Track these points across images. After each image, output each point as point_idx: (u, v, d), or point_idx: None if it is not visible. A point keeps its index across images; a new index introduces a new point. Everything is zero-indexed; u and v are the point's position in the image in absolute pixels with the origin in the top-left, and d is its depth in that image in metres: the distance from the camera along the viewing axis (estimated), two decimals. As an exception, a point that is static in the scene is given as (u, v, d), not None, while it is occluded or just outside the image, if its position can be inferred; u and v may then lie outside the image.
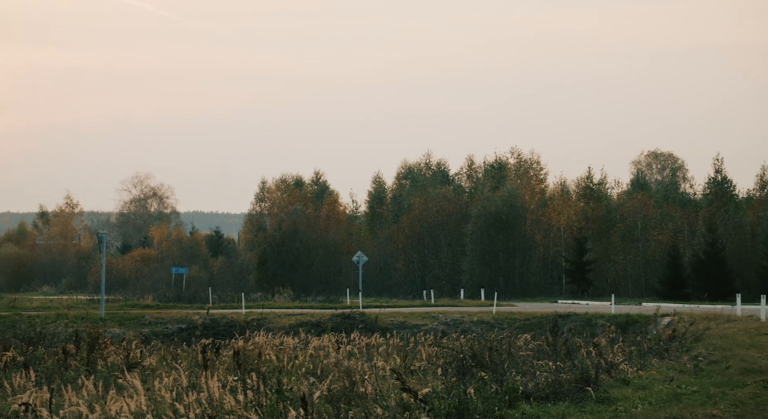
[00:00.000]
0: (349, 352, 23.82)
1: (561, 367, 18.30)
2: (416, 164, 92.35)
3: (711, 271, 60.68)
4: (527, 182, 79.00)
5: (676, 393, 15.31)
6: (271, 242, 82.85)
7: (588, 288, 66.98)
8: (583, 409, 14.14)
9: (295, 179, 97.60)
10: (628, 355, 20.99)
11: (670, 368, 18.64)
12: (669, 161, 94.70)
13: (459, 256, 75.72)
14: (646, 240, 71.59)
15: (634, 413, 13.74)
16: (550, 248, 75.21)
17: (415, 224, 79.11)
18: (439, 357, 21.97)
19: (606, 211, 73.90)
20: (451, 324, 37.09)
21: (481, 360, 18.56)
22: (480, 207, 73.33)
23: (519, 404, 14.30)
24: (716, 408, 13.91)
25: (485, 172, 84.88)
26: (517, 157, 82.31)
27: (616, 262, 72.09)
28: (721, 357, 20.30)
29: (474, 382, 15.92)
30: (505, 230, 71.93)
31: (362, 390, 14.35)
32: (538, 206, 76.53)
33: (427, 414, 12.79)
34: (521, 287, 70.58)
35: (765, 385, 16.18)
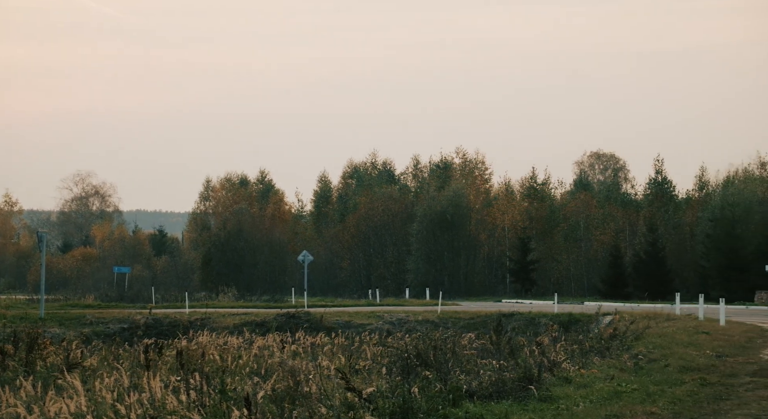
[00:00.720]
0: (293, 352, 23.74)
1: (504, 366, 18.44)
2: (362, 164, 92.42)
3: (651, 270, 61.72)
4: (472, 182, 79.52)
5: (617, 391, 15.51)
6: (216, 242, 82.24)
7: (532, 287, 67.66)
8: (526, 407, 14.26)
9: (240, 178, 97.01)
10: (570, 354, 21.22)
11: (611, 366, 18.89)
12: (611, 162, 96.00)
13: (404, 255, 75.93)
14: (589, 240, 72.53)
15: (575, 411, 13.89)
16: (495, 247, 75.79)
17: (361, 224, 79.15)
18: (384, 356, 22.00)
19: (549, 211, 74.72)
20: (396, 323, 37.19)
21: (426, 359, 18.62)
22: (425, 207, 73.62)
23: (463, 403, 14.37)
24: (655, 405, 14.13)
25: (431, 172, 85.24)
26: (462, 157, 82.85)
27: (559, 261, 72.91)
28: (660, 355, 20.62)
29: (418, 381, 15.96)
30: (450, 230, 72.30)
31: (306, 390, 14.30)
32: (482, 205, 77.08)
33: (371, 413, 12.79)
34: (466, 287, 71.00)
35: (702, 383, 16.47)
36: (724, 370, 18.30)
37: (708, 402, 14.51)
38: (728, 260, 57.70)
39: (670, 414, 13.48)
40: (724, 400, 14.74)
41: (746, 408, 13.97)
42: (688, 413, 13.58)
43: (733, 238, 58.58)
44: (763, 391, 15.57)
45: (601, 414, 13.49)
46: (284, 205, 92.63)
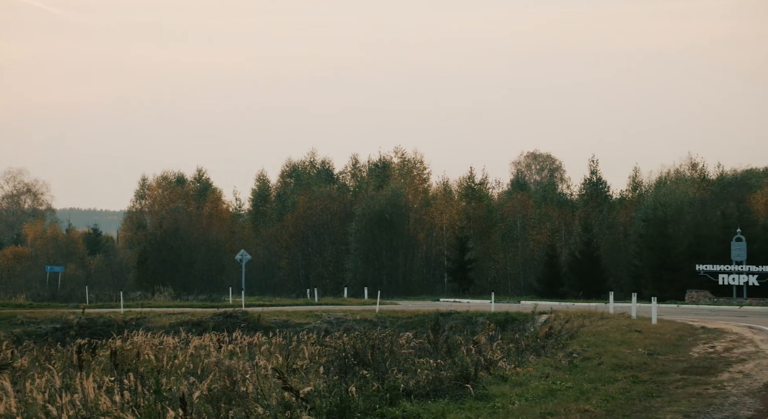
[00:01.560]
0: (230, 351, 23.57)
1: (442, 365, 18.54)
2: (301, 163, 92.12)
3: (586, 270, 62.61)
4: (411, 181, 79.79)
5: (551, 389, 15.71)
6: (152, 241, 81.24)
7: (469, 287, 68.14)
8: (462, 406, 14.36)
9: (177, 177, 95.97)
10: (506, 352, 21.43)
11: (546, 364, 19.11)
12: (547, 162, 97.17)
13: (343, 255, 75.90)
14: (525, 239, 73.31)
15: (511, 409, 14.03)
16: (433, 247, 76.17)
17: (300, 223, 78.89)
18: (322, 355, 21.96)
19: (487, 211, 75.33)
20: (334, 322, 37.15)
21: (364, 358, 18.64)
22: (364, 206, 73.68)
23: (400, 401, 14.42)
24: (588, 403, 14.34)
25: (369, 171, 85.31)
26: (400, 156, 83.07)
27: (496, 261, 73.57)
28: (594, 353, 20.92)
29: (356, 380, 15.97)
30: (388, 229, 72.47)
31: (243, 390, 14.21)
32: (421, 205, 77.41)
33: (309, 412, 12.76)
34: (404, 286, 71.24)
35: (634, 380, 16.76)
36: (656, 368, 18.65)
37: (640, 400, 14.77)
38: (660, 260, 58.80)
39: (603, 412, 13.68)
40: (655, 397, 15.02)
41: (676, 405, 14.26)
42: (621, 410, 13.81)
43: (665, 238, 59.71)
44: (692, 388, 15.90)
45: (536, 412, 13.65)
46: (222, 204, 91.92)
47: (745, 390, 15.80)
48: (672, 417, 13.27)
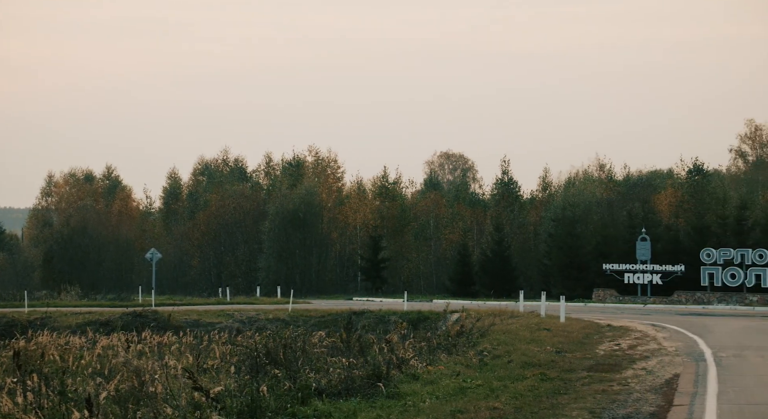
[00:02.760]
0: (139, 351, 23.18)
1: (354, 363, 18.57)
2: (213, 161, 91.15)
3: (497, 269, 63.43)
4: (324, 180, 79.67)
5: (462, 387, 15.88)
6: (58, 239, 79.35)
7: (382, 286, 68.38)
8: (374, 404, 14.42)
9: (85, 174, 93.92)
10: (418, 351, 21.57)
11: (457, 363, 19.31)
12: (460, 162, 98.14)
13: (256, 253, 75.36)
14: (438, 239, 73.92)
15: (421, 407, 14.14)
16: (346, 246, 76.22)
17: (212, 221, 78.02)
18: (233, 355, 21.77)
19: (400, 210, 75.70)
20: (246, 321, 36.90)
21: (276, 357, 18.56)
22: (278, 205, 73.29)
23: (312, 400, 14.41)
24: (498, 401, 14.54)
25: (283, 170, 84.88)
26: (314, 155, 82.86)
27: (409, 260, 73.99)
28: (504, 351, 21.23)
29: (267, 380, 15.89)
30: (302, 228, 72.25)
31: (152, 390, 13.98)
32: (335, 204, 77.36)
33: (219, 412, 12.64)
34: (317, 285, 71.12)
35: (542, 378, 17.06)
36: (563, 365, 19.02)
37: (547, 397, 15.04)
38: (569, 259, 59.95)
39: (512, 409, 13.89)
40: (562, 394, 15.32)
41: (582, 401, 14.57)
42: (529, 407, 14.04)
43: (574, 237, 60.91)
44: (597, 385, 16.27)
45: (447, 410, 13.78)
46: (132, 202, 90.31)
47: (648, 386, 16.24)
48: (578, 413, 13.56)
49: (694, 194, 64.73)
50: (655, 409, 13.89)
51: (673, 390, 15.73)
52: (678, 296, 52.17)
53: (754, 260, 50.93)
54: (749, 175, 78.96)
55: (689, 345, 23.61)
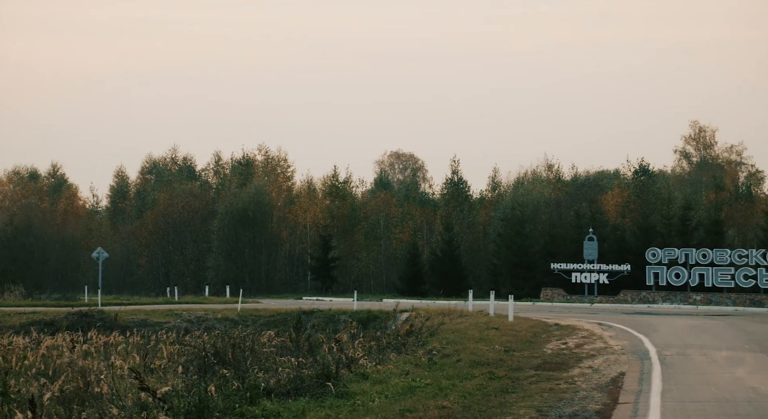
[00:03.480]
0: (85, 351, 22.89)
1: (303, 363, 18.53)
2: (162, 159, 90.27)
3: (447, 268, 63.68)
4: (274, 179, 79.35)
5: (411, 386, 15.93)
6: (2, 238, 77.94)
7: (332, 285, 68.28)
8: (323, 404, 14.40)
9: (29, 172, 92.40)
10: (368, 350, 21.59)
11: (407, 362, 19.37)
12: (410, 162, 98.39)
13: (205, 253, 74.79)
14: (388, 238, 74.02)
15: (371, 406, 14.15)
16: (296, 245, 75.98)
17: (160, 220, 77.26)
18: (181, 354, 21.59)
19: (351, 209, 75.66)
20: (194, 321, 36.60)
21: (224, 357, 18.45)
22: (227, 204, 72.82)
23: (260, 400, 14.34)
24: (447, 399, 14.61)
25: (232, 168, 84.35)
26: (264, 154, 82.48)
27: (359, 259, 73.99)
28: (453, 350, 21.33)
29: (216, 380, 15.79)
30: (251, 227, 71.87)
31: (98, 390, 13.82)
32: (285, 203, 77.08)
33: (166, 413, 12.53)
34: (267, 284, 70.80)
35: (491, 376, 17.18)
36: (511, 364, 19.17)
37: (495, 395, 15.15)
38: (517, 258, 60.42)
39: (461, 408, 13.97)
40: (510, 393, 15.44)
41: (530, 400, 14.70)
42: (477, 406, 14.13)
43: (522, 237, 61.42)
44: (545, 383, 16.43)
45: (396, 409, 13.80)
46: (78, 200, 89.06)
47: (594, 384, 16.44)
48: (525, 412, 13.67)
49: (639, 194, 65.67)
50: (601, 407, 14.07)
51: (618, 388, 15.94)
52: (624, 296, 52.88)
53: (697, 260, 51.83)
54: (693, 176, 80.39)
55: (635, 343, 23.94)
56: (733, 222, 64.94)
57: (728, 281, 51.19)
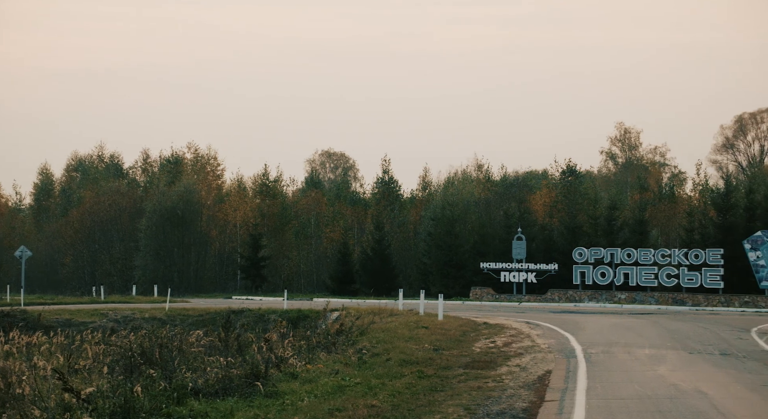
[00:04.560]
0: (6, 352, 22.36)
1: (232, 363, 18.41)
2: (88, 157, 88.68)
3: (377, 267, 63.81)
4: (204, 177, 78.53)
5: (341, 386, 15.93)
6: None
7: (262, 284, 67.87)
8: (252, 404, 14.32)
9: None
10: (297, 350, 21.53)
11: (337, 361, 19.36)
12: (341, 161, 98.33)
13: (132, 251, 73.67)
14: (319, 237, 73.86)
15: (300, 406, 14.12)
16: (226, 244, 75.33)
17: (86, 219, 75.87)
18: (107, 355, 21.25)
19: (281, 208, 75.29)
20: (121, 321, 36.06)
21: (151, 357, 18.22)
22: (155, 202, 71.82)
23: (187, 401, 14.20)
24: (376, 398, 14.65)
25: (161, 166, 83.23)
26: (194, 152, 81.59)
27: (290, 258, 73.68)
28: (383, 349, 21.39)
29: (142, 380, 15.58)
30: (180, 226, 71.00)
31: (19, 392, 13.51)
32: (214, 202, 76.35)
33: (90, 414, 12.31)
34: (196, 283, 70.05)
35: (420, 375, 17.28)
36: (441, 363, 19.30)
37: (424, 394, 15.24)
38: (447, 258, 60.82)
39: (390, 407, 14.02)
40: (438, 391, 15.55)
41: (458, 398, 14.82)
42: (406, 405, 14.19)
43: (452, 236, 61.84)
44: (473, 382, 16.58)
45: (325, 409, 13.79)
46: (0, 198, 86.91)
47: (522, 382, 16.65)
48: (453, 410, 13.78)
49: (567, 194, 66.66)
50: (527, 405, 14.25)
51: (545, 386, 16.17)
52: (551, 295, 53.64)
53: (622, 259, 52.84)
54: (619, 176, 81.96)
55: (561, 342, 24.31)
56: (656, 222, 66.35)
57: (652, 281, 52.28)
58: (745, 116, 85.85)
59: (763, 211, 56.14)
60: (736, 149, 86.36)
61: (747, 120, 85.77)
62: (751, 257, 50.70)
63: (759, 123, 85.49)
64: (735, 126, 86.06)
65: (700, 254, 51.46)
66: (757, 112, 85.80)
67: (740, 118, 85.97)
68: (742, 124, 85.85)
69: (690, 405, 13.97)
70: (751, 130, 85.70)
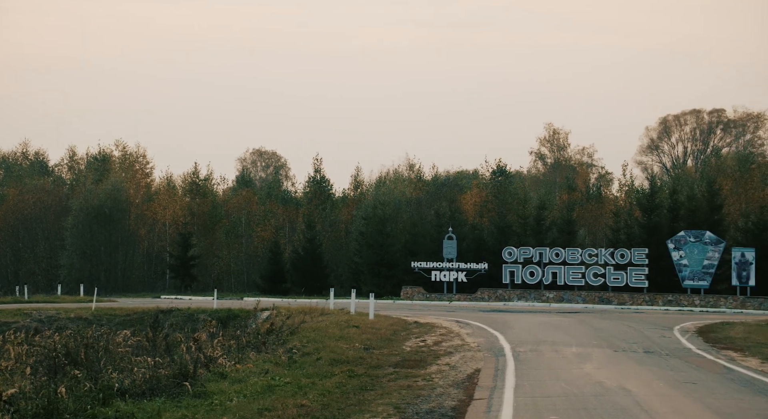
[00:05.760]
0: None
1: (160, 363, 18.19)
2: (11, 154, 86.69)
3: (308, 266, 63.63)
4: (132, 175, 77.37)
5: (270, 385, 15.85)
6: None
7: (192, 283, 67.16)
8: (180, 404, 14.17)
9: None
10: (227, 349, 21.37)
11: (267, 361, 19.26)
12: (273, 160, 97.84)
13: (58, 250, 72.22)
14: (250, 236, 73.35)
15: (228, 406, 14.01)
16: (155, 243, 74.34)
17: (9, 217, 74.12)
18: (30, 355, 20.80)
19: (212, 207, 74.59)
20: (45, 321, 35.35)
21: (76, 357, 17.91)
22: (82, 200, 70.50)
23: (114, 401, 13.99)
24: (306, 398, 14.61)
25: (88, 164, 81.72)
26: (122, 150, 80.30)
27: (220, 257, 73.03)
28: (313, 348, 21.35)
29: (66, 381, 15.30)
30: (108, 225, 69.82)
31: (-63, 396, 13.14)
32: (143, 200, 75.27)
33: (11, 415, 12.05)
34: (124, 283, 68.99)
35: (350, 374, 17.29)
36: (371, 362, 19.34)
37: (354, 393, 15.26)
38: (379, 257, 60.95)
39: (319, 406, 14.00)
40: (368, 390, 15.58)
41: (388, 397, 14.87)
42: (336, 404, 14.19)
43: (384, 236, 61.99)
44: (403, 381, 16.65)
45: (254, 409, 13.72)
46: None
47: (451, 381, 16.78)
48: (383, 409, 13.82)
49: (497, 194, 67.33)
50: (456, 403, 14.37)
51: (474, 384, 16.32)
52: (481, 294, 54.14)
53: (551, 259, 53.60)
54: (547, 176, 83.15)
55: (490, 340, 24.56)
56: (584, 222, 67.45)
57: (579, 280, 53.14)
58: (669, 118, 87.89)
59: (686, 211, 57.49)
60: (660, 151, 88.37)
61: (671, 122, 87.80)
62: (675, 256, 51.89)
63: (683, 125, 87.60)
64: (659, 128, 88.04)
65: (626, 253, 52.47)
66: (680, 114, 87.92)
67: (664, 120, 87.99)
68: (667, 125, 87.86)
69: (614, 403, 14.24)
70: (675, 131, 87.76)
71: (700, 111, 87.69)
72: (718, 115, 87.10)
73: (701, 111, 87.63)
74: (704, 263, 51.45)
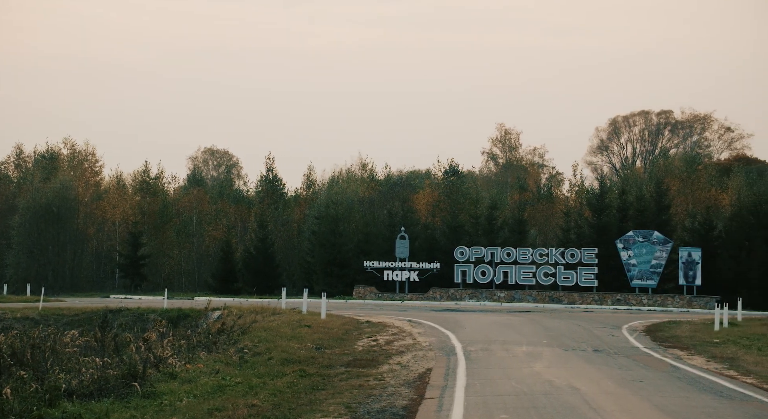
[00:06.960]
0: None
1: (109, 363, 18.00)
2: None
3: (260, 266, 63.32)
4: (81, 174, 76.33)
5: (221, 385, 15.76)
6: None
7: (142, 283, 66.48)
8: (128, 405, 14.03)
9: None
10: (177, 349, 21.19)
11: (217, 361, 19.14)
12: (225, 158, 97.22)
13: (4, 249, 71.03)
14: (201, 235, 72.81)
15: (178, 406, 13.91)
16: (104, 242, 73.46)
17: (-46, 214, 72.71)
18: (-25, 357, 20.41)
19: (162, 206, 73.87)
20: (-10, 321, 34.69)
21: (22, 358, 17.66)
22: (29, 199, 69.44)
23: (61, 402, 13.81)
24: (256, 398, 14.56)
25: (35, 162, 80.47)
26: (70, 148, 79.18)
27: (171, 257, 72.38)
28: (264, 348, 21.27)
29: (12, 382, 15.07)
30: (55, 224, 68.84)
31: None
32: (92, 199, 74.30)
33: (-44, 419, 11.83)
34: (72, 282, 68.06)
35: (302, 374, 17.26)
36: (323, 361, 19.33)
37: (306, 393, 15.23)
38: (331, 256, 60.86)
39: (270, 406, 13.95)
40: (320, 390, 15.57)
41: (339, 397, 14.87)
42: (287, 404, 14.16)
43: (336, 235, 61.93)
44: (355, 380, 16.67)
45: (204, 409, 13.63)
46: None
47: (402, 380, 16.83)
48: (335, 408, 13.82)
49: (449, 194, 67.62)
50: (407, 403, 14.41)
51: (425, 383, 16.38)
52: (433, 293, 54.35)
53: (502, 258, 53.98)
54: (499, 176, 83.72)
55: (442, 340, 24.67)
56: (535, 222, 68.04)
57: (530, 279, 53.58)
58: (618, 119, 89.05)
59: (635, 211, 58.27)
60: (610, 151, 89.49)
61: (620, 123, 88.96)
62: (623, 256, 52.56)
63: (632, 126, 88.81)
64: (609, 129, 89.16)
65: (576, 253, 53.03)
66: (629, 115, 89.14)
67: (614, 121, 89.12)
68: (616, 126, 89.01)
69: (564, 401, 14.39)
70: (624, 132, 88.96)
71: (649, 112, 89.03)
72: (666, 116, 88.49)
73: (650, 112, 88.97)
74: (652, 262, 52.19)
